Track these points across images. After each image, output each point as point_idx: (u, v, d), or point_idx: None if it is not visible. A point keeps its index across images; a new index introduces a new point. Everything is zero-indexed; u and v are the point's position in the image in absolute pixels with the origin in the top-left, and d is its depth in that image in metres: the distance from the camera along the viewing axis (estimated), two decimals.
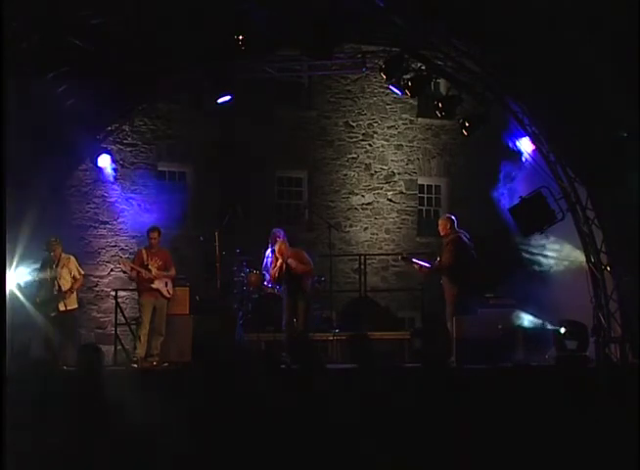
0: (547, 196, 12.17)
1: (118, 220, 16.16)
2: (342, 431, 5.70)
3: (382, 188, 17.84)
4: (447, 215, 12.65)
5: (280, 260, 12.28)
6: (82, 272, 12.47)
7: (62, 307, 12.07)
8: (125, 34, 12.14)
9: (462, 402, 6.23)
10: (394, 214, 17.88)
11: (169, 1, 11.83)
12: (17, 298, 12.30)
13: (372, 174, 17.79)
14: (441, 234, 12.34)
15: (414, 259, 12.59)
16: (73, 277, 12.20)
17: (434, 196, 18.45)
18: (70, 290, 12.12)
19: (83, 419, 5.10)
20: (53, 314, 12.03)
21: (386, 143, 17.91)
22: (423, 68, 12.65)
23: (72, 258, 12.35)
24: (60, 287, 12.08)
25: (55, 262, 12.12)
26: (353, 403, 5.96)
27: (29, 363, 5.32)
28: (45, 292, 12.16)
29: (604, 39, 10.74)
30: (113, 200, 16.04)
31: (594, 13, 10.51)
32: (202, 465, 5.67)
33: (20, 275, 12.60)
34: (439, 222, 12.47)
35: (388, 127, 17.92)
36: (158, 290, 12.32)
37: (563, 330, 12.16)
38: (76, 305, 12.39)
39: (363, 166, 17.75)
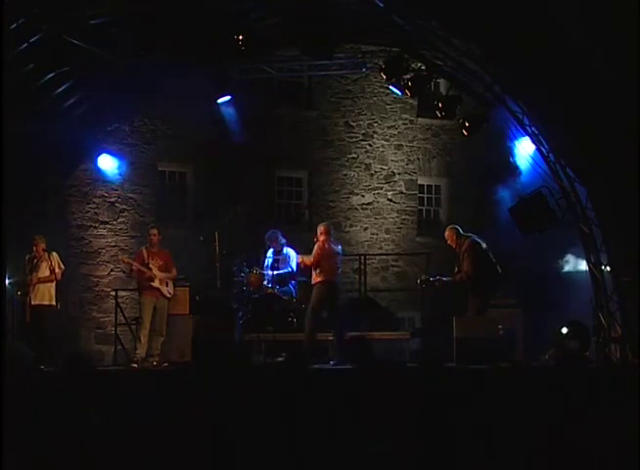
0: (547, 196, 12.16)
1: (118, 220, 16.14)
2: (343, 431, 5.70)
3: (382, 188, 17.82)
4: (450, 226, 12.42)
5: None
6: (63, 267, 12.18)
7: (34, 300, 11.83)
8: (125, 34, 12.15)
9: (462, 402, 6.23)
10: (394, 214, 17.87)
11: (170, 1, 11.84)
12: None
13: (372, 174, 17.78)
14: (453, 246, 12.14)
15: (432, 279, 12.07)
16: (52, 271, 11.95)
17: (434, 196, 18.43)
18: (44, 280, 11.88)
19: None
20: (20, 293, 11.93)
21: (386, 143, 17.89)
22: (423, 68, 12.66)
23: (55, 253, 12.14)
24: (33, 277, 11.85)
25: (36, 257, 11.96)
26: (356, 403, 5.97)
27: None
28: (19, 276, 12.07)
29: (604, 39, 10.74)
30: (112, 200, 16.03)
31: (594, 13, 10.51)
32: (201, 465, 5.67)
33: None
34: (446, 236, 12.20)
35: (389, 127, 17.91)
36: (158, 289, 12.31)
37: (565, 330, 12.18)
38: (51, 303, 12.00)
39: (363, 166, 17.74)
